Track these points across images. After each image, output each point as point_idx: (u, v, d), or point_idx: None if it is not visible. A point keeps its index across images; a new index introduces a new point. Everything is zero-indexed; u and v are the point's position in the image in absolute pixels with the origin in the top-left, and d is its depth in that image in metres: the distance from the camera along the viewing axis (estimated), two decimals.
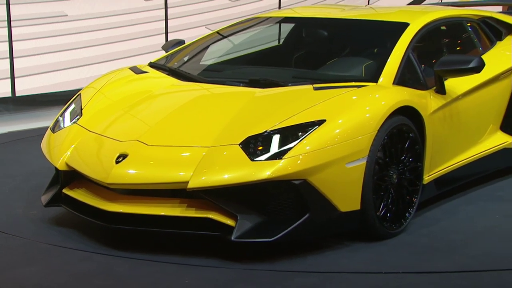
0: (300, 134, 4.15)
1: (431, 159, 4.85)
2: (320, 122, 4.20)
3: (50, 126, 4.95)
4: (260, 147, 4.14)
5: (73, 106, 4.98)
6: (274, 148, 4.12)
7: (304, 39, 5.90)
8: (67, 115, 4.91)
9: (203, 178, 4.05)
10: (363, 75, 4.95)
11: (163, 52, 5.84)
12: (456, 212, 5.02)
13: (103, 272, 4.01)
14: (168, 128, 4.48)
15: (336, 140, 4.15)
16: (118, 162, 4.23)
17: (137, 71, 5.33)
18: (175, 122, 4.54)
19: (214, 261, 4.13)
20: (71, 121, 4.83)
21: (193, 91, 4.96)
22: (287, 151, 4.08)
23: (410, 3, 13.72)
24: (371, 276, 4.00)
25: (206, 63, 5.66)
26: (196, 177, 4.05)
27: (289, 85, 4.76)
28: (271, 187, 4.07)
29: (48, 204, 4.65)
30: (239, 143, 4.17)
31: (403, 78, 4.85)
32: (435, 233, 4.64)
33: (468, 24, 5.84)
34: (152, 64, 5.49)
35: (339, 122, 4.25)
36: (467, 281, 3.93)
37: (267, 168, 4.02)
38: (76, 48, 9.06)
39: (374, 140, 4.30)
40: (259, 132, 4.20)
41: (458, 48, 5.80)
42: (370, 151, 4.28)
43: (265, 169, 4.02)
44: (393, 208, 4.49)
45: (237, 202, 4.09)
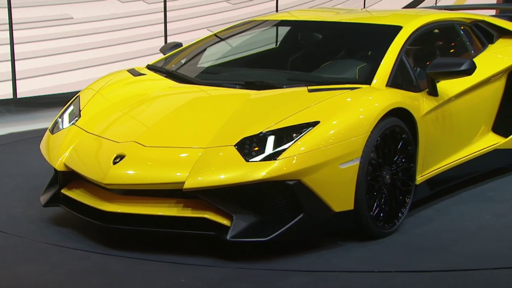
0: (294, 135, 4.14)
1: (424, 160, 4.83)
2: (314, 124, 4.19)
3: (49, 128, 4.93)
4: (255, 148, 4.12)
5: (71, 107, 4.96)
6: (269, 149, 4.11)
7: (299, 42, 5.88)
8: (66, 116, 4.89)
9: (199, 179, 4.04)
10: (357, 77, 4.94)
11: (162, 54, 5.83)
12: (448, 212, 5.01)
13: (100, 271, 3.99)
14: (165, 129, 4.46)
15: (330, 141, 4.14)
16: (116, 163, 4.22)
17: (135, 73, 5.32)
18: (172, 124, 4.52)
19: (209, 260, 4.11)
20: (69, 122, 4.81)
21: (189, 93, 4.95)
22: (281, 152, 4.07)
23: (405, 7, 13.72)
24: (364, 275, 3.99)
25: (203, 65, 5.65)
26: (192, 177, 4.04)
27: (284, 87, 4.76)
28: (266, 187, 4.05)
29: (47, 204, 4.63)
30: (235, 144, 4.15)
31: (396, 80, 4.83)
32: (427, 232, 4.63)
33: (462, 28, 5.83)
34: (150, 67, 5.48)
35: (333, 123, 4.23)
36: (459, 279, 3.92)
37: (262, 169, 4.00)
38: (80, 50, 9.06)
39: (367, 141, 4.29)
40: (254, 133, 4.19)
41: (451, 51, 5.79)
42: (363, 152, 4.26)
43: (260, 169, 4.01)
44: (386, 208, 4.48)
45: (232, 202, 4.07)
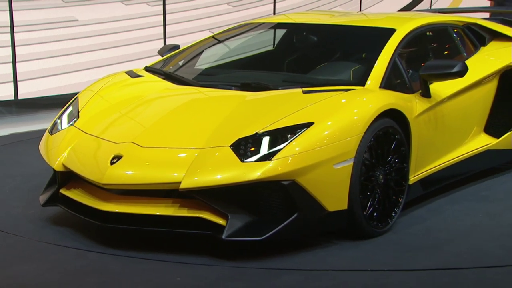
0: (289, 136, 4.13)
1: (417, 160, 4.82)
2: (308, 125, 4.17)
3: (48, 128, 4.92)
4: (251, 149, 4.11)
5: (70, 108, 4.95)
6: (264, 149, 4.09)
7: (295, 44, 5.86)
8: (65, 117, 4.88)
9: (195, 179, 4.02)
10: (351, 79, 4.93)
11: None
12: (441, 211, 4.99)
13: (97, 270, 3.97)
14: (162, 130, 4.45)
15: (324, 142, 4.13)
16: (113, 163, 4.20)
17: (132, 75, 5.30)
18: (168, 125, 4.51)
19: (205, 259, 4.10)
20: (68, 123, 4.79)
21: (186, 94, 4.93)
22: (276, 152, 4.05)
23: (400, 10, 13.72)
24: (357, 273, 3.97)
25: (200, 67, 5.63)
26: (188, 177, 4.02)
27: (279, 88, 4.74)
28: (261, 187, 4.04)
29: (46, 204, 4.62)
30: (230, 145, 4.14)
31: (390, 82, 4.82)
32: (420, 231, 4.61)
33: (455, 30, 5.82)
34: (148, 68, 5.46)
35: (327, 124, 4.22)
36: (450, 278, 3.91)
37: (257, 169, 3.99)
38: (84, 52, 9.06)
39: (360, 142, 4.27)
40: (250, 134, 4.17)
41: (443, 53, 5.77)
42: (357, 152, 4.25)
43: (255, 170, 3.99)
44: (379, 208, 4.46)
45: (228, 202, 4.06)
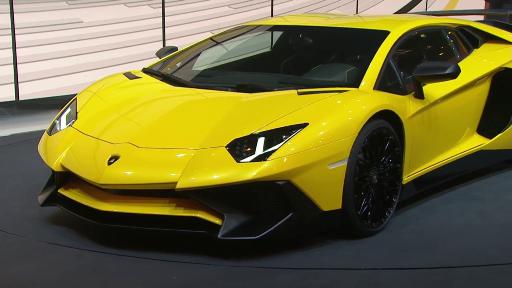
0: (284, 136, 4.11)
1: (410, 161, 4.81)
2: (303, 125, 4.16)
3: (47, 129, 4.90)
4: (246, 149, 4.09)
5: (69, 110, 4.93)
6: (259, 150, 4.08)
7: (291, 46, 5.86)
8: (63, 118, 4.86)
9: (191, 179, 4.01)
10: (345, 81, 4.91)
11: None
12: (435, 211, 4.98)
13: (95, 269, 3.96)
14: (158, 131, 4.43)
15: (318, 143, 4.12)
16: (110, 164, 4.19)
17: (130, 76, 5.29)
18: (165, 125, 4.49)
19: (201, 258, 4.08)
20: (66, 124, 4.78)
21: (183, 96, 4.91)
22: (271, 153, 4.04)
23: (396, 12, 13.72)
24: (351, 272, 3.96)
25: (197, 69, 5.62)
26: (185, 178, 4.01)
27: (274, 90, 4.73)
28: (256, 187, 4.02)
29: (45, 204, 4.60)
30: (226, 145, 4.13)
31: (384, 84, 4.81)
32: (413, 231, 4.60)
33: (449, 33, 5.81)
34: (146, 70, 5.45)
35: (321, 125, 4.21)
36: (441, 276, 3.90)
37: (253, 169, 3.98)
38: (90, 53, 9.07)
39: (355, 142, 4.26)
40: (245, 135, 4.16)
41: (437, 55, 5.76)
42: (351, 153, 4.24)
43: (250, 170, 3.98)
44: (373, 207, 4.45)
45: (223, 202, 4.04)
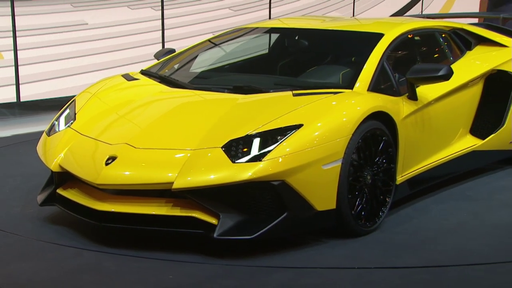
0: (279, 137, 4.10)
1: (404, 161, 4.80)
2: (298, 126, 4.15)
3: (46, 130, 4.90)
4: (241, 150, 4.08)
5: (68, 111, 4.93)
6: (255, 150, 4.07)
7: (287, 49, 5.85)
8: (62, 119, 4.85)
9: (187, 179, 4.00)
10: (340, 82, 4.90)
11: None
12: (428, 211, 4.98)
13: (92, 268, 3.95)
14: (155, 132, 4.42)
15: (313, 143, 4.11)
16: (108, 164, 4.18)
17: (128, 78, 5.28)
18: (162, 126, 4.48)
19: (197, 257, 4.07)
20: (65, 125, 4.77)
21: (180, 97, 4.90)
22: (266, 153, 4.03)
23: (393, 14, 13.71)
24: (344, 271, 3.96)
25: (195, 70, 5.61)
26: (181, 178, 4.00)
27: (270, 91, 4.71)
28: (251, 187, 4.01)
29: (43, 204, 4.59)
30: (222, 146, 4.12)
31: (378, 85, 4.80)
32: (407, 230, 4.59)
33: (443, 35, 5.80)
34: (144, 72, 5.44)
35: (316, 126, 4.20)
36: (432, 275, 3.89)
37: (248, 170, 3.97)
38: (94, 54, 9.08)
39: (349, 143, 4.25)
40: (241, 136, 4.15)
41: (430, 57, 5.74)
42: (345, 153, 4.23)
43: (246, 170, 3.97)
44: (367, 207, 4.44)
45: (219, 201, 4.04)
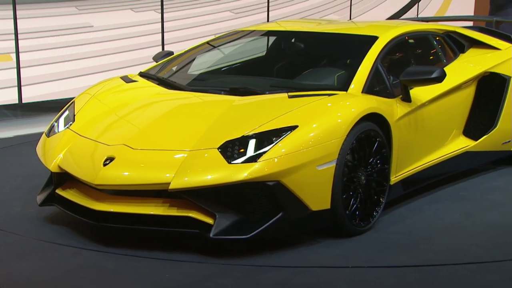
0: (274, 138, 4.10)
1: (398, 162, 4.79)
2: (292, 128, 4.15)
3: (45, 131, 4.89)
4: (237, 151, 4.08)
5: (67, 112, 4.92)
6: (250, 151, 4.06)
7: (283, 51, 5.84)
8: (61, 120, 4.85)
9: (184, 180, 3.99)
10: (335, 84, 4.90)
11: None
12: (421, 211, 4.97)
13: (91, 267, 3.94)
14: (153, 133, 4.42)
15: (308, 144, 4.10)
16: (106, 165, 4.18)
17: (127, 80, 5.28)
18: (160, 128, 4.48)
19: (193, 256, 4.06)
20: (64, 126, 4.77)
21: (177, 99, 4.89)
22: (262, 154, 4.02)
23: (388, 18, 13.71)
24: (338, 270, 3.95)
25: (192, 73, 5.60)
26: (177, 178, 3.99)
27: (266, 93, 4.71)
28: (247, 188, 4.00)
29: (43, 204, 4.59)
30: (218, 147, 4.11)
31: (372, 87, 4.80)
32: (400, 230, 4.58)
33: (437, 38, 5.80)
34: (142, 74, 5.43)
35: (311, 127, 4.19)
36: (424, 274, 3.88)
37: (244, 170, 3.96)
38: (98, 56, 9.10)
39: (343, 144, 4.24)
40: (237, 137, 4.14)
41: (424, 60, 5.74)
42: (339, 154, 4.22)
43: (241, 171, 3.96)
44: (361, 207, 4.44)
45: (215, 202, 4.03)
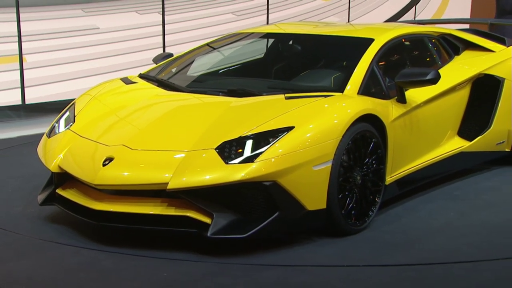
0: (271, 139, 4.09)
1: (393, 162, 4.77)
2: (289, 129, 4.13)
3: (46, 132, 4.88)
4: (235, 151, 4.06)
5: (67, 113, 4.91)
6: (247, 152, 4.05)
7: (281, 53, 5.83)
8: (62, 121, 4.83)
9: (182, 180, 3.98)
10: (331, 86, 4.88)
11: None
12: (416, 210, 4.95)
13: (89, 266, 3.93)
14: (151, 134, 4.40)
15: (305, 145, 4.09)
16: (105, 165, 4.16)
17: (127, 81, 5.26)
18: (158, 128, 4.46)
19: (191, 255, 4.05)
20: (65, 127, 4.75)
21: (176, 100, 4.88)
22: (258, 155, 4.01)
23: (386, 20, 13.70)
24: (333, 269, 3.93)
25: (191, 74, 5.58)
26: (175, 178, 3.98)
27: (263, 94, 4.69)
28: (244, 188, 3.99)
29: (43, 203, 4.57)
30: (215, 148, 4.10)
31: (367, 89, 4.78)
32: (395, 229, 4.57)
33: (432, 41, 5.78)
34: (142, 75, 5.42)
35: (307, 128, 4.18)
36: (419, 273, 3.87)
37: (241, 171, 3.95)
38: (107, 57, 9.11)
39: (339, 144, 4.23)
40: (234, 138, 4.13)
41: (419, 62, 5.72)
42: (335, 155, 4.21)
43: (238, 171, 3.95)
44: (357, 207, 4.42)
45: (213, 201, 4.02)
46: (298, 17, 11.90)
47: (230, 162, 4.00)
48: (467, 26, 9.43)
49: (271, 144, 4.05)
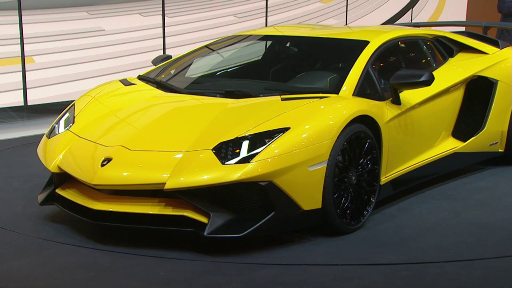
0: (267, 140, 4.07)
1: (388, 162, 4.76)
2: (285, 130, 4.12)
3: (46, 133, 4.86)
4: (231, 152, 4.05)
5: (67, 114, 4.90)
6: (244, 152, 4.03)
7: (278, 55, 5.81)
8: (62, 122, 4.82)
9: (179, 180, 3.96)
10: (327, 87, 4.87)
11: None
12: (410, 210, 4.93)
13: (87, 264, 3.91)
14: (149, 135, 4.39)
15: (301, 145, 4.08)
16: (103, 165, 4.15)
17: (126, 83, 5.25)
18: (156, 129, 4.45)
19: (188, 254, 4.04)
20: (64, 128, 4.74)
21: (174, 102, 4.86)
22: (255, 155, 4.00)
23: (383, 23, 13.69)
24: (328, 267, 3.91)
25: (189, 76, 5.57)
26: (173, 179, 3.97)
27: (260, 96, 4.68)
28: (240, 188, 3.98)
29: (43, 203, 4.56)
30: (212, 148, 4.08)
31: (363, 90, 4.77)
32: (390, 228, 4.55)
33: (427, 43, 5.77)
34: (141, 77, 5.40)
35: (303, 129, 4.16)
36: (412, 271, 3.85)
37: (237, 171, 3.93)
38: (111, 58, 9.12)
39: (334, 145, 4.22)
40: (231, 138, 4.12)
41: (414, 64, 5.70)
42: (330, 155, 4.19)
43: (235, 171, 3.93)
44: (352, 207, 4.40)
45: (209, 201, 4.00)
46: (296, 19, 11.89)
47: (226, 163, 3.99)
48: (462, 28, 9.43)
49: (267, 144, 4.03)
